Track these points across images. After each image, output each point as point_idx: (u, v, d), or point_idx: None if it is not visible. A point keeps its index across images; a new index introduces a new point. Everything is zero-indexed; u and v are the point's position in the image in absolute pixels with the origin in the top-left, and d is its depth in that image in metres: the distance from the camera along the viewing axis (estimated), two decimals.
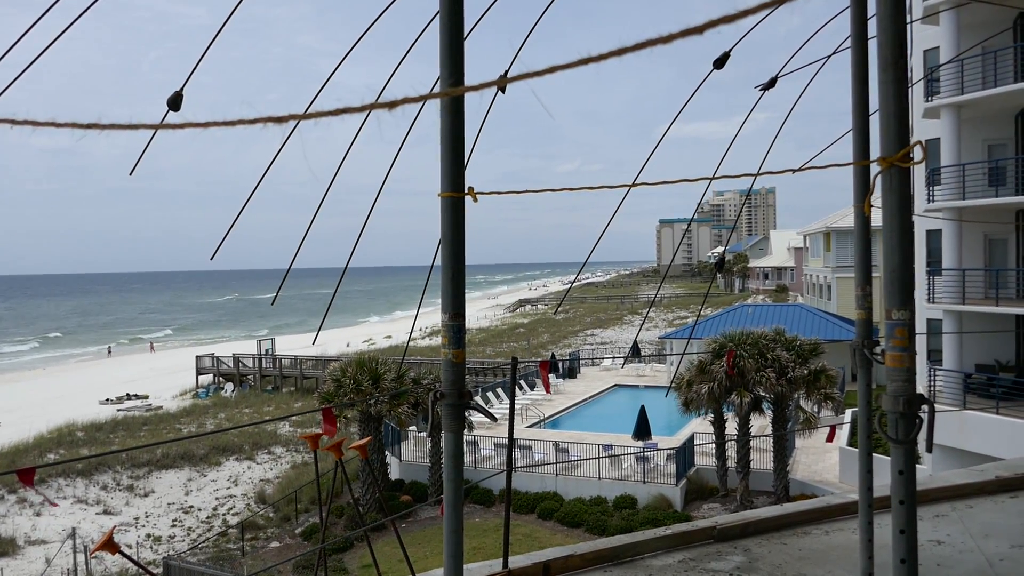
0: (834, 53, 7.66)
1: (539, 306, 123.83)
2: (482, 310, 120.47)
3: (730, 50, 7.23)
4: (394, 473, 31.15)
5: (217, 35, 4.64)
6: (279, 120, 1.64)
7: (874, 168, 3.44)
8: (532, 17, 6.87)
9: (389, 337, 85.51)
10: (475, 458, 30.00)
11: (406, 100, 1.77)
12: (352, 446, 5.10)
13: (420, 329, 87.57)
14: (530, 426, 35.22)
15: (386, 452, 30.83)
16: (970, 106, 25.05)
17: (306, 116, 1.70)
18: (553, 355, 51.96)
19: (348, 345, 73.99)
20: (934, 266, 27.04)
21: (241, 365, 59.05)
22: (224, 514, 29.90)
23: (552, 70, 1.56)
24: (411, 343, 75.91)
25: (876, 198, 3.71)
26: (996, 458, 11.14)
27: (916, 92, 27.06)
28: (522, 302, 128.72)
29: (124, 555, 3.81)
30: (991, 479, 7.42)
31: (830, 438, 25.67)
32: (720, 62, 7.36)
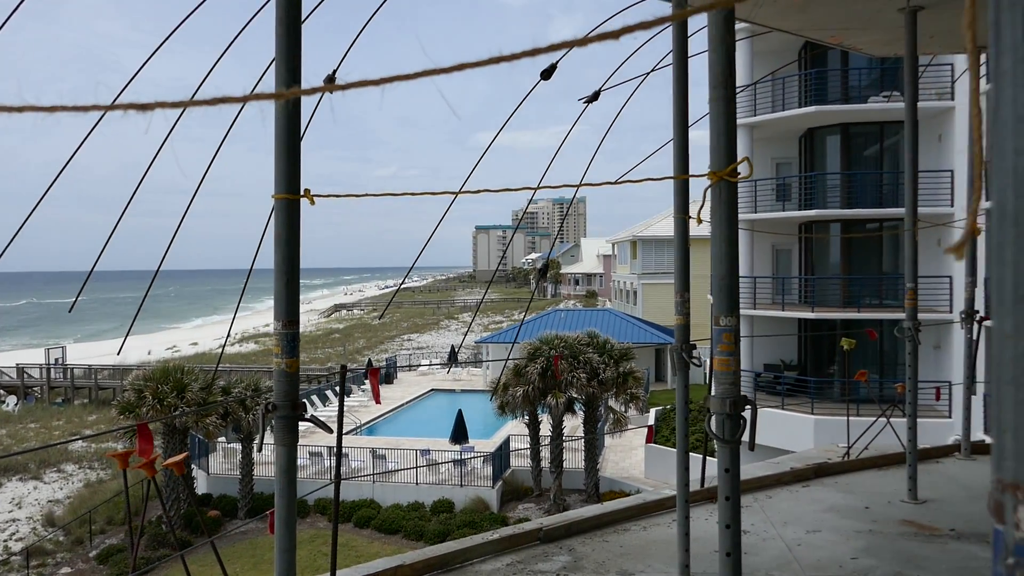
0: (653, 70, 8.04)
1: (355, 311, 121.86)
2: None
3: (557, 62, 7.42)
4: (201, 487, 29.56)
5: None
6: (82, 109, 1.45)
7: (698, 180, 3.62)
8: (357, 18, 6.73)
9: (195, 344, 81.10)
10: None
11: (248, 97, 1.65)
12: (168, 463, 4.76)
13: (228, 336, 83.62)
14: (346, 433, 34.51)
15: (192, 465, 29.20)
16: (762, 127, 27.16)
17: (114, 107, 1.53)
18: (370, 361, 51.30)
19: (150, 353, 69.53)
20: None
21: (26, 376, 53.98)
22: (5, 540, 27.19)
23: (388, 80, 1.48)
24: (219, 351, 72.32)
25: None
26: (784, 451, 12.08)
27: None
28: (338, 307, 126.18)
29: None
30: (787, 471, 8.05)
31: (649, 438, 26.96)
32: (547, 73, 7.53)
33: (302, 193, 3.49)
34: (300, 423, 3.64)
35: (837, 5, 7.97)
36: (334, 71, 6.18)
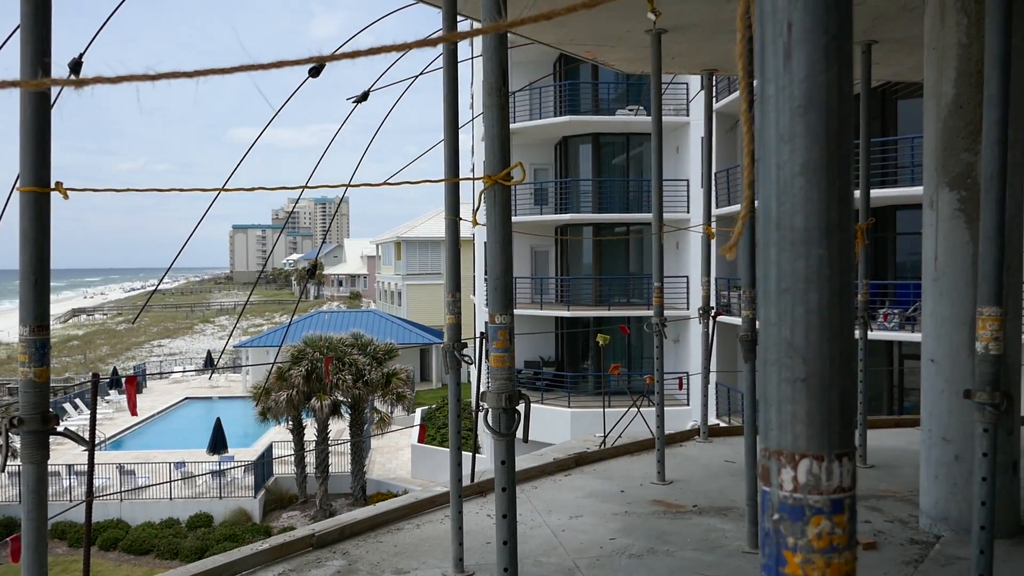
0: (422, 73, 8.14)
1: (96, 316, 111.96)
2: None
3: (327, 60, 7.30)
4: None
5: None
6: None
7: (475, 183, 3.74)
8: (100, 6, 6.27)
9: None
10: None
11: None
12: None
13: None
14: (86, 449, 31.66)
15: None
16: (520, 133, 28.26)
17: None
18: (115, 369, 47.45)
19: None
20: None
21: None
22: None
23: (159, 77, 1.43)
24: None
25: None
26: (545, 443, 12.68)
27: (478, 118, 29.81)
28: (76, 311, 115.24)
29: None
30: (550, 461, 8.47)
31: (420, 436, 27.09)
32: (316, 71, 7.39)
33: (53, 186, 3.20)
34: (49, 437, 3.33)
35: (591, 23, 8.51)
36: (80, 55, 5.69)
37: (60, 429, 3.22)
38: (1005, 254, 4.20)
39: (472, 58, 26.75)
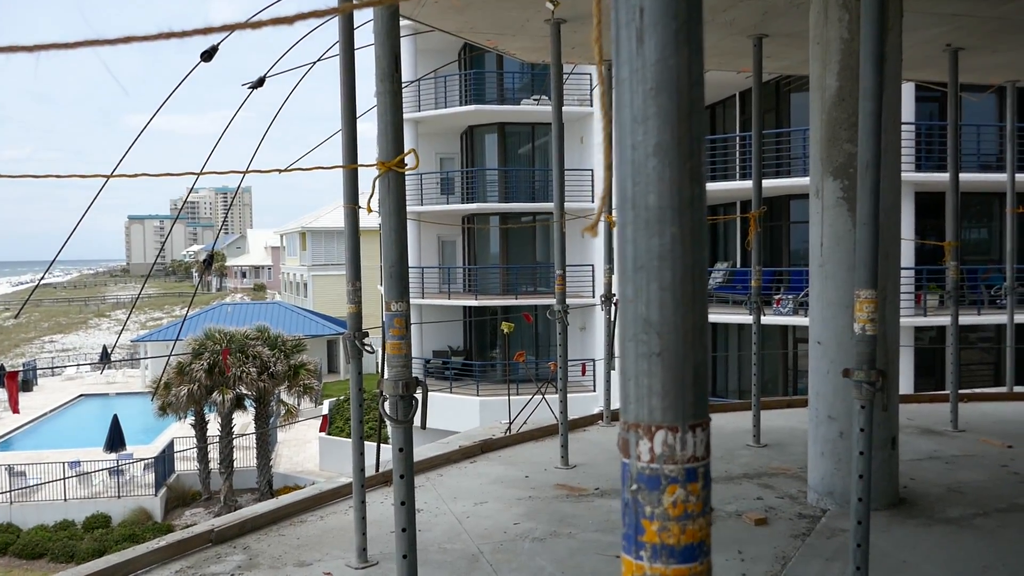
0: (319, 60, 8.00)
1: None
2: None
3: (219, 44, 7.10)
4: None
5: None
6: None
7: (368, 172, 3.71)
8: None
9: None
10: None
11: None
12: None
13: None
14: None
15: None
16: (426, 123, 28.10)
17: None
18: (2, 366, 45.12)
19: None
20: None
21: None
22: None
23: (47, 47, 1.38)
24: None
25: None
26: (453, 431, 12.70)
27: None
28: None
29: None
30: (455, 449, 8.49)
31: (323, 427, 26.69)
32: (208, 55, 7.18)
33: None
34: None
35: (492, 11, 8.52)
36: None
37: None
38: (881, 240, 4.42)
39: (373, 44, 26.40)
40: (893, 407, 6.40)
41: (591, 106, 26.52)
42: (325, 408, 33.57)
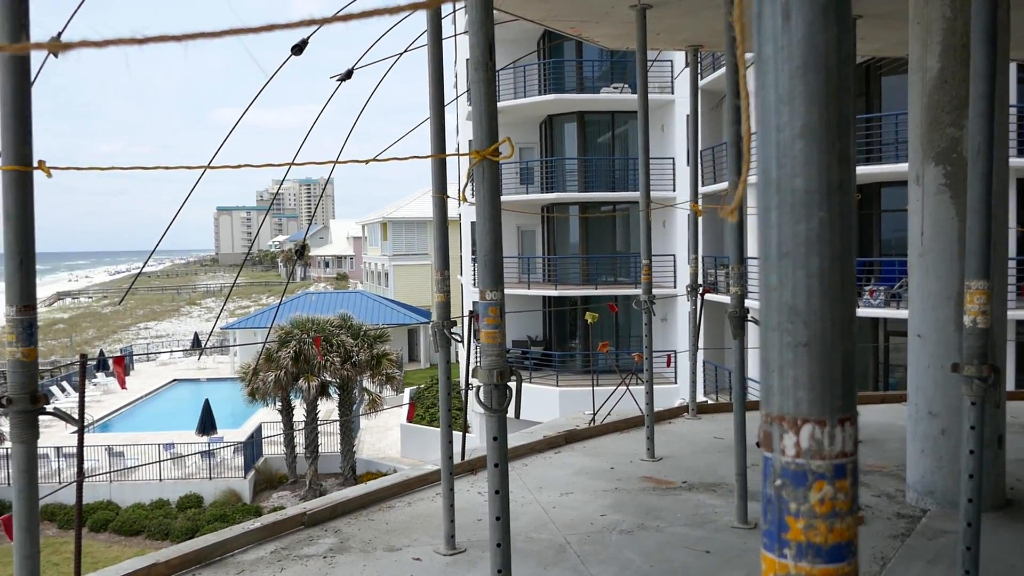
0: (407, 50, 8.07)
1: (82, 299, 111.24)
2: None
3: (309, 37, 7.22)
4: None
5: None
6: None
7: (460, 163, 3.70)
8: None
9: None
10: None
11: None
12: None
13: None
14: (74, 432, 31.57)
15: None
16: (505, 112, 28.10)
17: None
18: (102, 351, 47.27)
19: None
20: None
21: None
22: None
23: (125, 42, 1.39)
24: None
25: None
26: (534, 422, 12.74)
27: (462, 98, 29.64)
28: (61, 295, 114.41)
29: None
30: (540, 439, 8.49)
31: (409, 416, 27.11)
32: (299, 48, 7.31)
33: (36, 164, 3.16)
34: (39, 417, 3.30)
35: None
36: (59, 34, 5.60)
37: (49, 409, 3.20)
38: (992, 228, 4.21)
39: (456, 35, 26.55)
40: (1001, 404, 6.12)
41: (672, 93, 26.12)
42: (406, 396, 34.08)
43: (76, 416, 4.80)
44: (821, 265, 1.01)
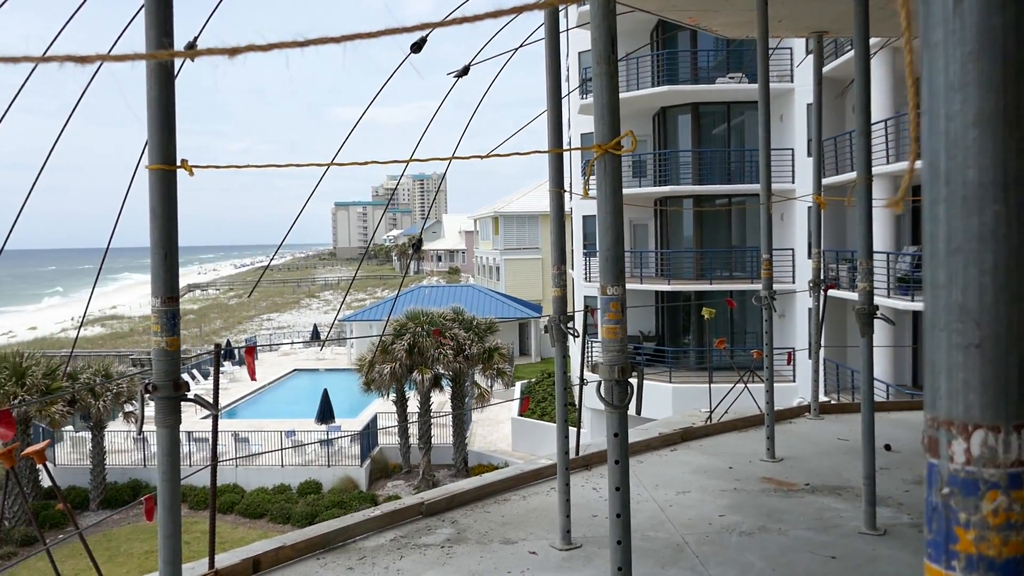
0: (522, 45, 8.10)
1: (210, 291, 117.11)
2: (144, 296, 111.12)
3: (428, 35, 7.35)
4: (45, 480, 27.77)
5: None
6: None
7: (571, 156, 3.68)
8: None
9: (34, 328, 75.80)
10: (145, 455, 27.77)
11: (109, 56, 1.55)
12: (28, 451, 4.45)
13: (71, 319, 78.63)
14: (204, 418, 33.30)
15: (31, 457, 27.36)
16: None
17: None
18: (228, 341, 49.60)
19: None
20: (590, 248, 29.87)
21: None
22: None
23: (301, 45, 1.44)
24: (61, 335, 67.85)
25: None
26: (646, 419, 12.61)
27: (572, 92, 29.54)
28: (191, 287, 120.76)
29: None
30: (655, 436, 8.39)
31: (523, 409, 27.34)
32: (418, 46, 7.44)
33: (179, 164, 3.33)
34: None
35: None
36: (195, 38, 5.89)
37: (190, 395, 3.37)
38: None
39: (568, 29, 26.49)
40: None
41: (791, 82, 25.29)
42: (517, 390, 34.32)
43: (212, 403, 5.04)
44: (995, 262, 0.95)
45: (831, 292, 18.38)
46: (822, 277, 9.53)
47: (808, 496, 6.61)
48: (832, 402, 11.74)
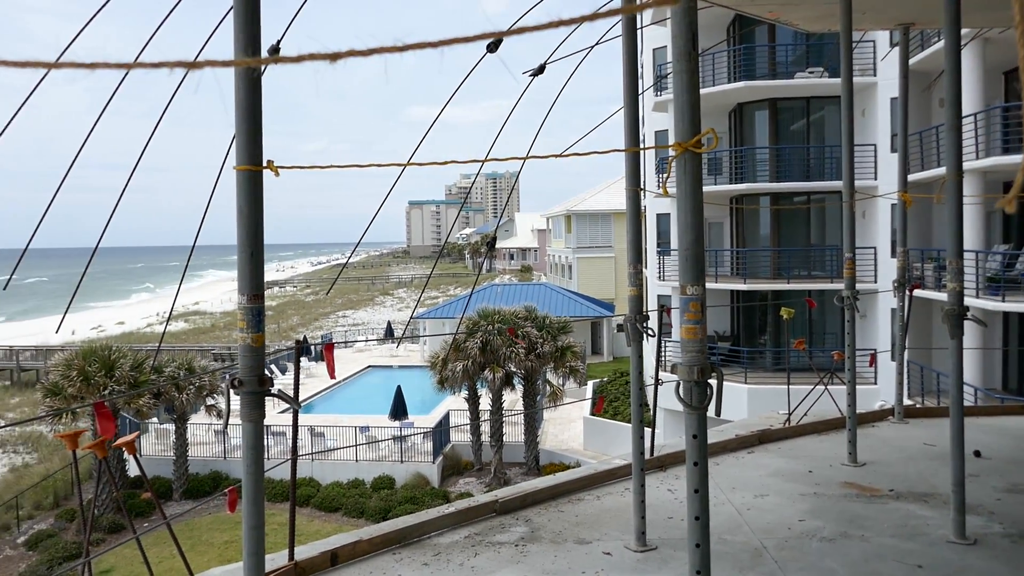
0: (598, 43, 8.04)
1: (287, 288, 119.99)
2: (226, 293, 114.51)
3: (504, 34, 7.36)
4: (132, 470, 28.85)
5: None
6: (19, 65, 1.24)
7: (644, 156, 3.63)
8: None
9: (122, 323, 78.84)
10: (225, 447, 28.60)
11: (210, 63, 1.58)
12: (119, 443, 4.63)
13: (157, 315, 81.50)
14: (281, 412, 34.12)
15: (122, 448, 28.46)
16: None
17: (59, 64, 1.29)
18: (305, 338, 50.70)
19: (73, 333, 67.24)
20: (664, 247, 29.54)
21: None
22: None
23: (348, 55, 1.42)
24: (147, 330, 70.41)
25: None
26: (721, 420, 12.42)
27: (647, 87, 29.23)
28: (270, 284, 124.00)
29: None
30: (732, 438, 8.24)
31: (598, 409, 27.27)
32: (495, 46, 7.46)
33: (265, 164, 3.40)
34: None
35: None
36: (278, 42, 6.03)
37: (274, 391, 3.44)
38: None
39: (642, 27, 26.22)
40: None
41: (874, 76, 24.53)
42: (589, 390, 34.19)
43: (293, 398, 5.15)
44: None
45: (916, 292, 17.78)
46: (907, 277, 9.22)
47: (893, 502, 6.40)
48: (916, 405, 11.34)
